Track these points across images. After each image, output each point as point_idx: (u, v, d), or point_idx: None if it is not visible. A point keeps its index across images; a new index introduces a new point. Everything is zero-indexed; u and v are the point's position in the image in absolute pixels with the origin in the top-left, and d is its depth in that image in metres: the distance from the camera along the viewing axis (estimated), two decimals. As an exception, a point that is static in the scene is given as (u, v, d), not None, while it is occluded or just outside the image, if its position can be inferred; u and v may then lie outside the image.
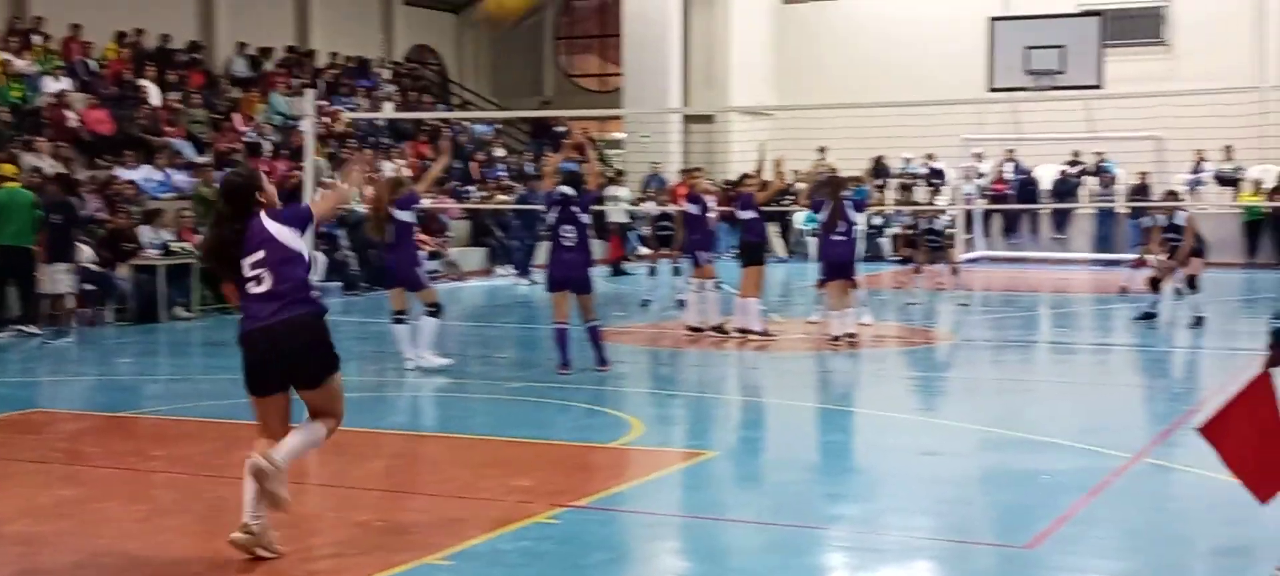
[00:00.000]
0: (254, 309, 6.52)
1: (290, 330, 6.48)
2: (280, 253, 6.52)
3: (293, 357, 6.53)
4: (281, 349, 6.49)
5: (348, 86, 28.85)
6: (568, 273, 12.55)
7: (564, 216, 12.54)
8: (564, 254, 12.56)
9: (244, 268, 6.53)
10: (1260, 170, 27.25)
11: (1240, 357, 13.58)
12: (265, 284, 6.50)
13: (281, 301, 6.48)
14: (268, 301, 6.48)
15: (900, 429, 10.18)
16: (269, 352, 6.49)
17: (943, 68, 30.56)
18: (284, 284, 6.49)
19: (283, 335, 6.47)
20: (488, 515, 7.38)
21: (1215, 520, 7.30)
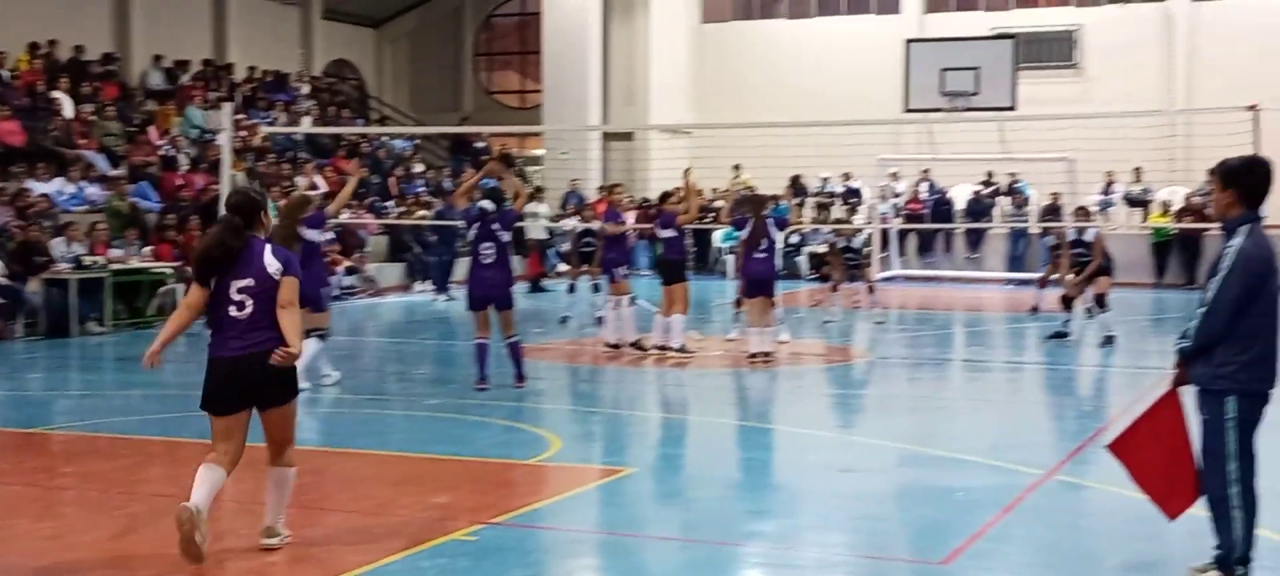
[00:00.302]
0: (230, 333, 6.79)
1: (261, 361, 6.73)
2: (268, 284, 6.79)
3: (259, 385, 6.80)
4: (251, 377, 6.77)
5: (265, 100, 28.56)
6: (487, 290, 12.51)
7: (484, 233, 12.51)
8: (484, 271, 12.52)
9: (230, 287, 6.77)
10: (1168, 192, 27.84)
11: (1149, 376, 13.86)
12: (247, 310, 6.77)
13: (259, 333, 6.75)
14: (247, 330, 6.76)
15: (818, 446, 10.27)
16: (237, 380, 6.78)
17: (859, 88, 30.95)
18: (265, 317, 6.77)
19: (254, 365, 6.74)
20: (405, 532, 7.32)
21: (1125, 536, 7.44)
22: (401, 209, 27.07)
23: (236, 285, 6.77)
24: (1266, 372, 6.16)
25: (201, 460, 6.87)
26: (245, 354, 6.75)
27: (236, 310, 6.76)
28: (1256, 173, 6.25)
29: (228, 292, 6.78)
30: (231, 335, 6.77)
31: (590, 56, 32.17)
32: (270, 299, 6.77)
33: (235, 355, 6.76)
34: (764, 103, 31.49)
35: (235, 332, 6.76)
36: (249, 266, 6.78)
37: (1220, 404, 6.13)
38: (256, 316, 6.76)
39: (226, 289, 6.78)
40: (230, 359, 6.77)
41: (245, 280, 6.77)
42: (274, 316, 6.76)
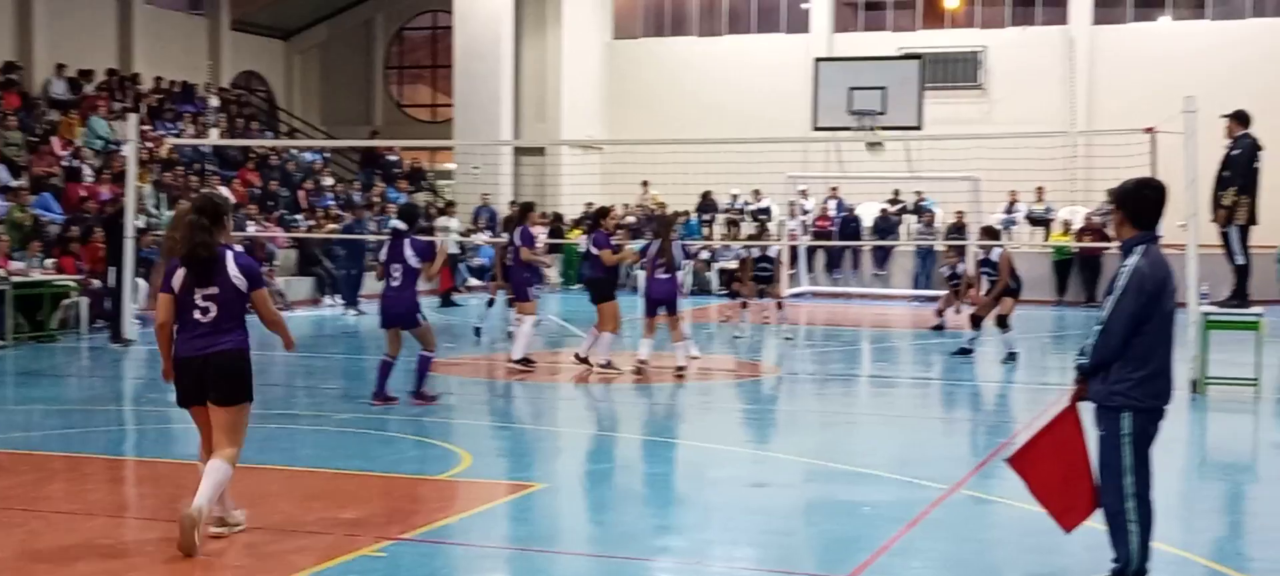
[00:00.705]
0: (194, 334, 7.37)
1: (220, 360, 7.35)
2: (231, 292, 7.38)
3: (217, 382, 7.38)
4: (211, 375, 7.37)
5: (172, 111, 28.14)
6: (390, 310, 12.48)
7: (392, 253, 12.44)
8: (389, 292, 12.46)
9: (195, 294, 7.35)
10: (1069, 211, 28.42)
11: (1049, 393, 14.14)
12: (211, 316, 7.36)
13: (220, 335, 7.36)
14: (209, 333, 7.36)
15: (727, 461, 10.34)
16: (200, 377, 7.39)
17: (769, 106, 31.26)
18: (227, 321, 7.39)
19: (214, 364, 7.36)
20: (313, 548, 7.27)
21: (1026, 549, 7.59)
22: (311, 222, 26.82)
23: (202, 292, 7.34)
24: (1161, 389, 6.33)
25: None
26: (208, 354, 7.35)
27: (201, 315, 7.35)
28: (1145, 195, 6.42)
29: (193, 298, 7.34)
30: (196, 336, 7.35)
31: (502, 71, 32.17)
32: (231, 305, 7.36)
33: (198, 354, 7.35)
34: (675, 119, 31.69)
35: (199, 334, 7.35)
36: (216, 275, 7.32)
37: (1116, 420, 6.28)
38: (219, 320, 7.34)
39: (192, 294, 7.34)
40: (195, 358, 7.36)
41: (211, 288, 7.33)
42: (232, 322, 7.37)
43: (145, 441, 11.61)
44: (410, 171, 33.12)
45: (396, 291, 12.38)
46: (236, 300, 7.40)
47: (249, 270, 7.47)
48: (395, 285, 12.34)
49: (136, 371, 16.07)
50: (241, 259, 7.47)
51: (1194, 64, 29.27)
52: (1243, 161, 13.72)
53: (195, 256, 7.32)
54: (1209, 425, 12.65)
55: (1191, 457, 11.13)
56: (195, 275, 7.35)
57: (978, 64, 32.22)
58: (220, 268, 7.34)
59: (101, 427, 12.04)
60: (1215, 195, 13.95)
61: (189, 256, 7.34)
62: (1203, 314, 14.12)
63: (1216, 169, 13.99)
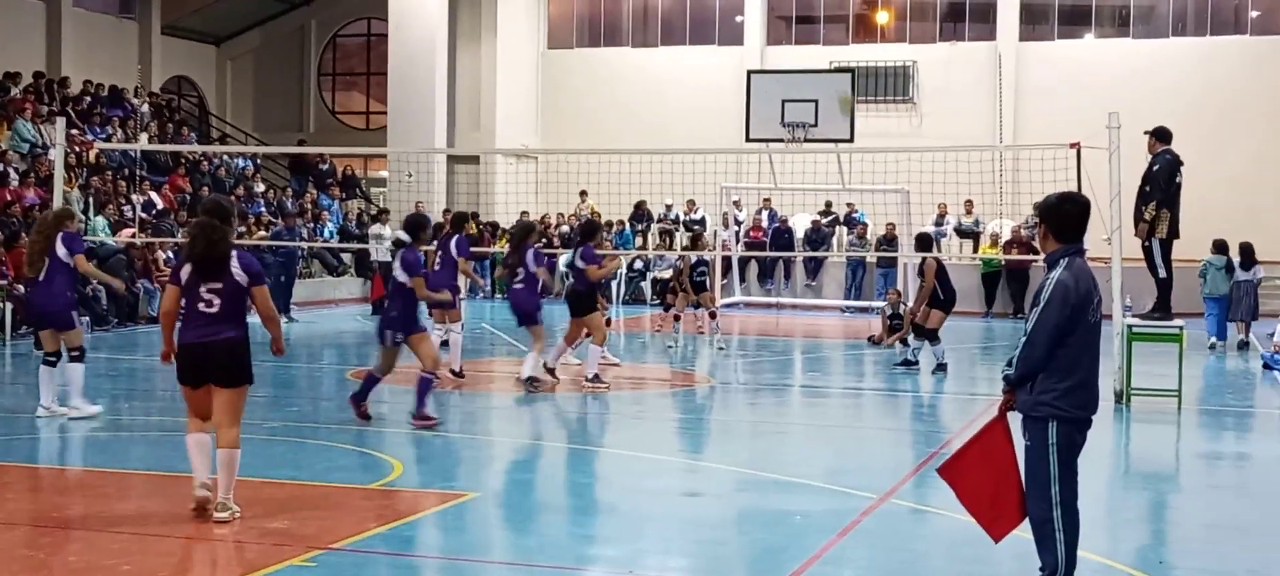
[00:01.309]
0: (200, 322, 8.14)
1: (222, 347, 8.11)
2: (233, 287, 8.13)
3: (219, 366, 8.13)
4: (214, 359, 8.11)
5: (101, 115, 27.74)
6: (383, 325, 12.15)
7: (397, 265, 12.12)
8: (386, 303, 12.35)
9: (200, 287, 8.13)
10: (997, 224, 28.77)
11: (979, 403, 14.31)
12: (215, 308, 8.12)
13: (222, 324, 8.11)
14: (213, 322, 8.12)
15: (659, 470, 10.37)
16: (203, 361, 8.14)
17: (702, 117, 31.39)
18: (229, 313, 8.13)
19: (216, 350, 8.10)
20: (241, 559, 7.21)
21: (956, 558, 7.67)
22: (241, 229, 26.52)
23: (207, 286, 8.11)
24: (1086, 399, 6.42)
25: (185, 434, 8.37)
26: (207, 342, 8.11)
27: (205, 306, 8.12)
28: (1066, 209, 6.52)
29: (198, 291, 8.11)
30: (199, 324, 8.12)
31: (437, 79, 32.05)
32: (232, 299, 8.13)
33: (200, 342, 8.12)
34: (609, 129, 31.70)
35: (202, 323, 8.12)
36: (222, 271, 8.08)
37: (1043, 429, 6.37)
38: (221, 312, 8.10)
39: (197, 287, 8.12)
40: (196, 344, 8.12)
41: (216, 283, 8.10)
42: (233, 314, 8.13)
43: (70, 450, 11.43)
44: (344, 178, 32.88)
45: (390, 301, 12.08)
46: (238, 294, 8.17)
47: (250, 268, 8.24)
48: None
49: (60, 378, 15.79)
50: (243, 257, 8.27)
51: (1118, 81, 29.78)
52: (1163, 177, 13.97)
53: (207, 255, 8.10)
54: (1133, 435, 12.86)
55: (1116, 467, 11.31)
56: (202, 271, 8.12)
57: (908, 78, 32.57)
58: (226, 265, 8.10)
59: (19, 435, 11.84)
60: (1137, 210, 14.19)
61: (202, 254, 8.13)
62: (1127, 326, 14.35)
63: (1139, 184, 14.24)
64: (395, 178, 32.42)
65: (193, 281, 8.16)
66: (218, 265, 8.12)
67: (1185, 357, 14.31)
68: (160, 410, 13.03)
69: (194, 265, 8.16)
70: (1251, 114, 30.83)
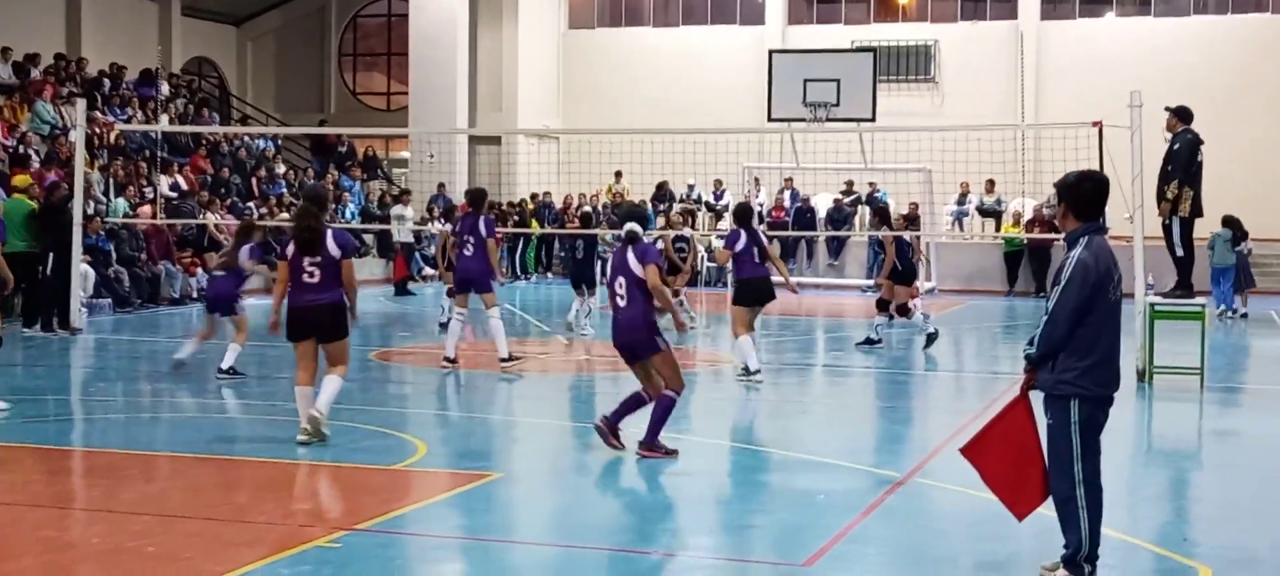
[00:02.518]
0: (306, 290, 9.82)
1: (323, 309, 9.85)
2: (329, 260, 9.78)
3: (322, 325, 9.88)
4: (318, 319, 9.86)
5: (121, 97, 27.82)
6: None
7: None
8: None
9: (303, 261, 9.77)
10: (1019, 203, 28.67)
11: (1001, 382, 14.27)
12: (315, 278, 9.80)
13: (323, 292, 9.82)
14: (317, 289, 9.82)
15: (682, 450, 10.36)
16: (309, 321, 9.87)
17: (723, 97, 31.34)
18: (327, 281, 9.81)
19: (320, 311, 9.85)
20: (266, 539, 7.24)
21: (978, 536, 7.66)
22: (263, 210, 26.60)
23: (309, 260, 9.76)
24: (1107, 377, 6.40)
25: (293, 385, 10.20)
26: (311, 306, 9.81)
27: (308, 277, 9.80)
28: (1085, 187, 6.49)
29: (302, 264, 9.76)
30: (303, 292, 9.80)
31: (457, 59, 32.03)
32: (330, 269, 9.77)
33: (306, 306, 9.82)
34: (630, 109, 31.68)
35: (306, 291, 9.80)
36: (318, 248, 9.71)
37: (1065, 408, 6.36)
38: (321, 282, 9.78)
39: (300, 261, 9.77)
40: (302, 308, 9.82)
41: (316, 257, 9.75)
42: (333, 281, 9.81)
43: (91, 432, 11.50)
44: (365, 159, 32.94)
45: (623, 311, 10.04)
46: (333, 266, 9.78)
47: (344, 244, 9.93)
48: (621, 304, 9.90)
49: (84, 360, 15.91)
50: (339, 235, 9.97)
51: (1139, 60, 29.63)
52: (1184, 156, 13.92)
53: (304, 234, 9.77)
54: (1156, 413, 12.82)
55: (1139, 445, 11.28)
56: (302, 248, 9.77)
57: (930, 57, 32.43)
58: (322, 242, 9.69)
59: (37, 419, 11.92)
60: (1159, 189, 14.14)
61: (300, 233, 9.82)
62: (1149, 304, 14.30)
63: (1161, 163, 14.18)
64: (417, 159, 32.46)
65: (296, 257, 9.82)
66: (314, 242, 9.73)
67: (1207, 335, 14.25)
68: (181, 392, 13.08)
69: (296, 244, 9.81)
70: (1273, 91, 30.65)
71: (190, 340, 14.23)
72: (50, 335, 17.58)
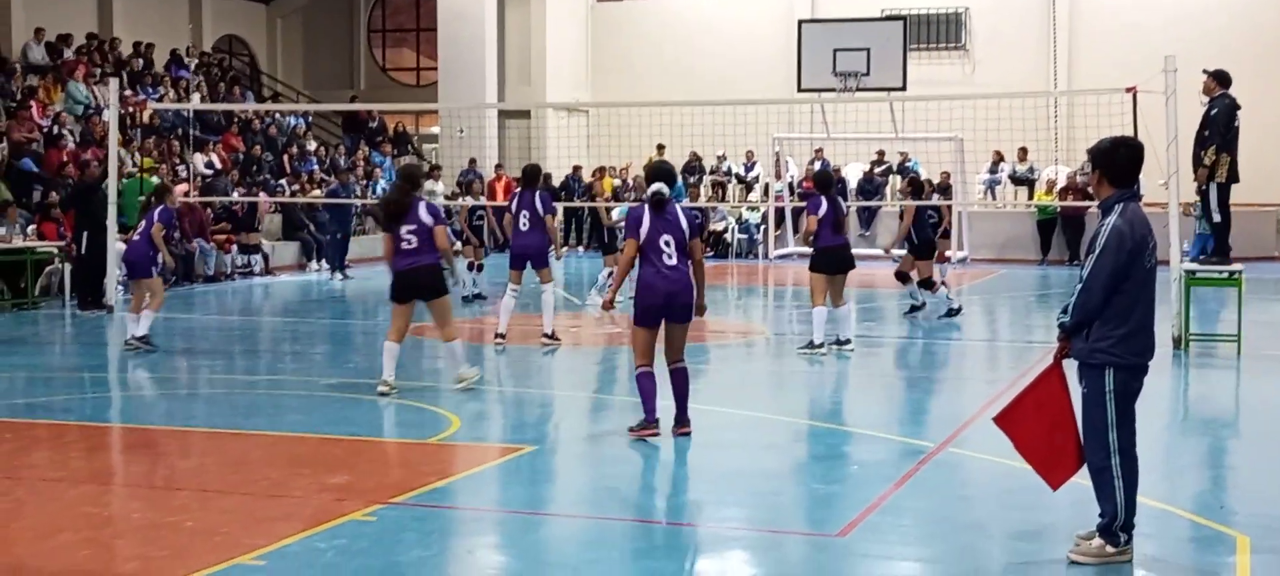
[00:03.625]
0: (403, 255, 11.01)
1: (423, 271, 11.05)
2: (423, 227, 10.96)
3: (423, 285, 11.09)
4: (418, 280, 11.05)
5: (153, 76, 27.96)
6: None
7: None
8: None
9: (401, 229, 10.97)
10: (1052, 171, 28.48)
11: (1034, 351, 14.21)
12: (413, 244, 10.95)
13: (420, 255, 10.99)
14: (414, 254, 10.98)
15: (715, 422, 10.37)
16: (410, 282, 11.05)
17: (753, 68, 31.20)
18: (424, 246, 10.99)
19: (420, 273, 11.04)
20: (302, 513, 7.29)
21: (1011, 506, 7.64)
22: (295, 187, 26.74)
23: (405, 229, 10.95)
24: (1142, 345, 6.37)
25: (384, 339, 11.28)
26: (412, 268, 10.97)
27: (406, 244, 10.96)
28: (1120, 154, 6.44)
29: (400, 232, 10.96)
30: (404, 256, 10.98)
31: (486, 34, 32.00)
32: (424, 235, 10.94)
33: (405, 269, 10.99)
34: (659, 81, 31.58)
35: (406, 255, 10.97)
36: (412, 217, 10.92)
37: (1099, 376, 6.32)
38: (418, 247, 10.94)
39: (398, 230, 10.94)
40: (403, 271, 11.00)
41: (411, 225, 10.93)
42: (429, 245, 10.97)
43: (128, 409, 11.60)
44: (395, 135, 33.01)
45: (673, 269, 9.56)
46: (427, 232, 10.94)
47: (434, 212, 11.10)
48: (670, 263, 9.46)
49: (121, 337, 16.03)
50: (431, 206, 11.16)
51: (1173, 23, 29.28)
52: (1222, 121, 13.79)
53: (390, 207, 11.14)
54: (1192, 381, 12.74)
55: (1175, 413, 11.22)
56: (396, 218, 10.96)
57: (961, 24, 32.18)
58: (414, 212, 10.92)
59: (83, 394, 12.03)
60: (1196, 154, 14.01)
61: (387, 206, 11.29)
62: (1185, 271, 14.20)
63: (1197, 128, 14.05)
64: (447, 134, 32.50)
65: (394, 227, 10.98)
66: (405, 212, 10.92)
67: (1244, 302, 14.14)
68: (217, 369, 13.16)
69: (388, 215, 11.13)
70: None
71: (132, 318, 14.22)
72: (85, 313, 17.75)
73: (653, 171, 9.67)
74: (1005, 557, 6.75)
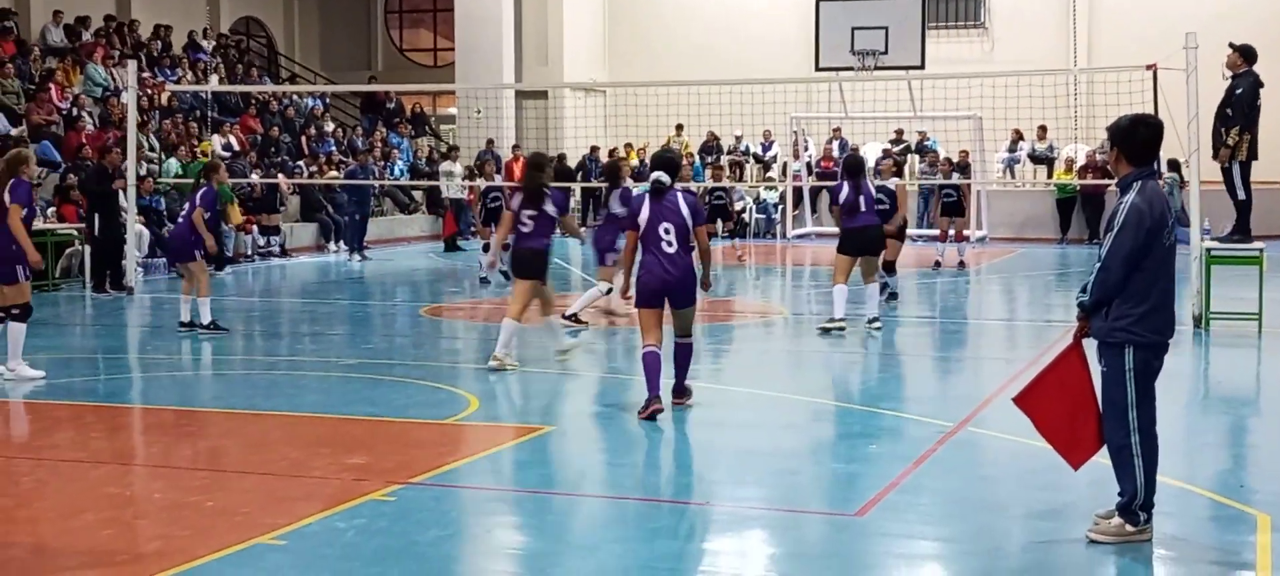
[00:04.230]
0: (520, 236, 11.50)
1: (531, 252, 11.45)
2: (544, 215, 11.39)
3: (529, 265, 11.52)
4: (528, 261, 11.50)
5: (171, 58, 28.02)
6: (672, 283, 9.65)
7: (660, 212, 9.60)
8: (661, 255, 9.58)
9: (523, 212, 11.41)
10: (1072, 149, 28.36)
11: (1053, 330, 14.17)
12: (529, 227, 11.45)
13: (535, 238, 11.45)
14: (531, 237, 11.47)
15: (733, 401, 10.37)
16: (523, 261, 11.56)
17: (771, 47, 31.11)
18: (540, 230, 11.48)
19: (529, 254, 11.45)
20: (321, 493, 7.31)
21: (1031, 486, 7.62)
22: (313, 168, 26.79)
23: (527, 212, 11.41)
24: (1162, 323, 6.34)
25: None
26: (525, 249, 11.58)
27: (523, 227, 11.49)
28: (1140, 132, 6.40)
29: (521, 215, 11.46)
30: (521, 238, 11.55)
31: (503, 14, 31.95)
32: (543, 222, 11.44)
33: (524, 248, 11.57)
34: (676, 61, 31.51)
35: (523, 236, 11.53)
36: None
37: (1119, 355, 6.30)
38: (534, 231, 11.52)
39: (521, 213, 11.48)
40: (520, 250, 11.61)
41: (534, 211, 11.40)
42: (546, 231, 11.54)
43: (148, 390, 11.65)
44: (412, 116, 33.02)
45: (672, 257, 9.48)
46: (547, 220, 11.37)
47: (558, 202, 11.56)
48: (669, 250, 9.42)
49: (141, 319, 16.10)
50: (556, 195, 11.56)
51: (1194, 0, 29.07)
52: (1245, 100, 13.70)
53: (530, 187, 11.50)
54: (1212, 359, 12.68)
55: (1195, 392, 11.17)
56: (526, 201, 11.39)
57: (979, 2, 32.01)
58: (542, 198, 11.18)
59: (105, 377, 12.09)
60: (1217, 132, 13.91)
61: (528, 188, 11.55)
62: (1205, 249, 14.12)
63: (1218, 105, 13.96)
64: (464, 114, 32.49)
65: (518, 209, 11.45)
66: (537, 197, 11.33)
67: (1265, 280, 14.07)
68: (236, 350, 13.21)
69: (523, 197, 11.47)
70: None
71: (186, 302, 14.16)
72: (104, 295, 17.83)
73: (655, 160, 9.94)
74: (1024, 537, 6.74)
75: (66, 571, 6.09)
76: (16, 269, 11.16)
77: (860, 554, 6.46)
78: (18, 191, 11.16)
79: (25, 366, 11.21)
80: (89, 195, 18.62)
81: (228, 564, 6.10)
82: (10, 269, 11.14)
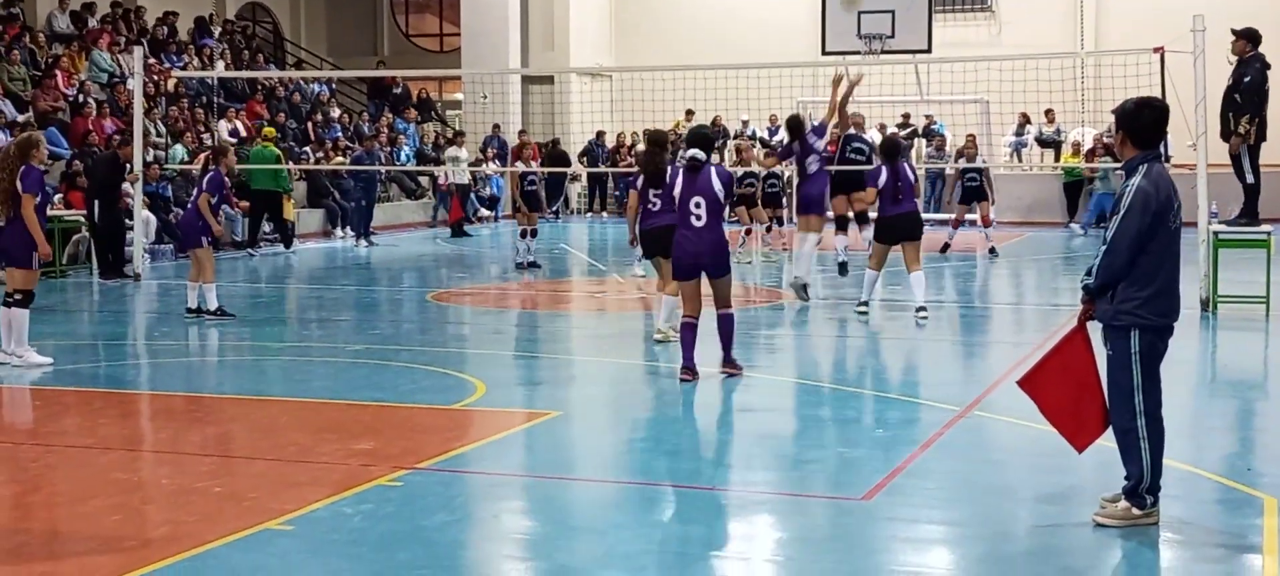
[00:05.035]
0: (648, 216, 11.78)
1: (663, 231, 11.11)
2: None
3: (659, 243, 11.50)
4: (657, 238, 11.55)
5: (177, 44, 28.02)
6: (698, 253, 10.26)
7: (692, 186, 10.20)
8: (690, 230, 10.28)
9: (649, 193, 11.64)
10: (1079, 133, 28.29)
11: (1059, 313, 14.16)
12: (657, 206, 11.50)
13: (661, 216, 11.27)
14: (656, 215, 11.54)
15: (741, 386, 10.37)
16: (653, 239, 11.77)
17: (777, 31, 31.04)
18: (666, 210, 10.86)
19: (660, 232, 11.37)
20: (329, 479, 7.33)
21: (1037, 469, 7.63)
22: (319, 154, 26.79)
23: (653, 192, 11.50)
24: (1168, 306, 6.33)
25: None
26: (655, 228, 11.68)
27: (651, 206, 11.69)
28: (1145, 115, 6.39)
29: (648, 194, 11.64)
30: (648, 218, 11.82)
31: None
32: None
33: (650, 228, 11.82)
34: (683, 45, 31.46)
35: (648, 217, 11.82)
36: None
37: (1125, 338, 6.30)
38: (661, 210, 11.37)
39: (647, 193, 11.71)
40: (648, 230, 11.90)
41: (658, 189, 11.24)
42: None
43: (156, 376, 11.68)
44: (419, 101, 33.01)
45: (700, 231, 10.05)
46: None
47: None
48: (698, 224, 9.97)
49: (148, 305, 16.13)
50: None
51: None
52: (1254, 86, 13.66)
53: (650, 168, 11.47)
54: (1219, 343, 12.67)
55: (1202, 375, 11.17)
56: (650, 182, 11.45)
57: (986, -14, 31.95)
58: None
59: (112, 362, 12.11)
60: (1226, 118, 13.87)
61: (648, 168, 11.53)
62: (1213, 232, 14.10)
63: (1225, 88, 13.91)
64: (470, 100, 32.47)
65: (644, 189, 11.64)
66: (659, 177, 11.12)
67: (1273, 264, 14.04)
68: (243, 335, 13.23)
69: (645, 178, 11.57)
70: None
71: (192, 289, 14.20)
72: (106, 281, 17.86)
73: (690, 137, 10.62)
74: (1030, 520, 6.74)
75: (75, 556, 6.12)
76: (32, 255, 11.24)
77: (867, 537, 6.47)
78: (29, 179, 11.16)
79: (32, 353, 11.23)
80: (96, 182, 18.64)
81: (236, 548, 6.11)
82: (28, 254, 11.22)
